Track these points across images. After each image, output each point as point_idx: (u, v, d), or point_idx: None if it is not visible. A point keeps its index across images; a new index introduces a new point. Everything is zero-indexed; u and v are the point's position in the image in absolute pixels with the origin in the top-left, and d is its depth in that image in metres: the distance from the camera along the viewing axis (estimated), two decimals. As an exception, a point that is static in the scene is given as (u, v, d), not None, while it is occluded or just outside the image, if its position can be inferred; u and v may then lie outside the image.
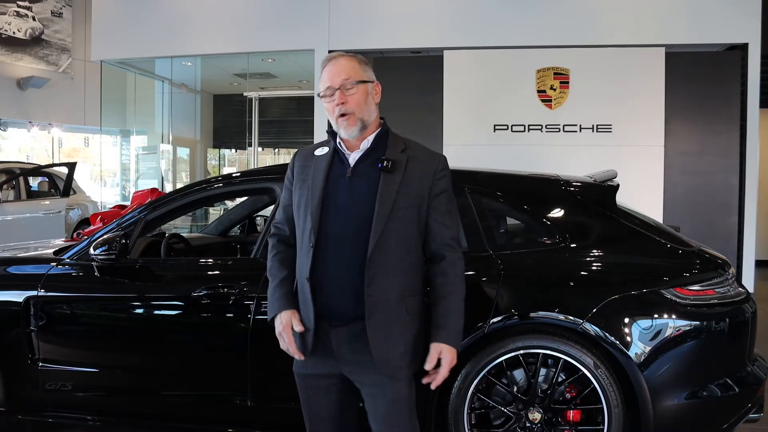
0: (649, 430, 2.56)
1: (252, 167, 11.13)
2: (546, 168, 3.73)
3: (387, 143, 2.04)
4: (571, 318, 2.60)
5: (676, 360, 2.60)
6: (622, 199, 2.99)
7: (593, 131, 7.46)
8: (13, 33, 14.33)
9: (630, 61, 7.38)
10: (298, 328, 2.00)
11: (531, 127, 7.57)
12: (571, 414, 2.63)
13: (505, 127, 7.63)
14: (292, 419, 2.63)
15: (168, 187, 10.89)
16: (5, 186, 8.69)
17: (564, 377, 2.64)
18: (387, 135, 2.07)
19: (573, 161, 6.86)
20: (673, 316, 2.59)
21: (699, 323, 2.61)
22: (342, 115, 1.99)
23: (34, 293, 3.08)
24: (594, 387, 2.57)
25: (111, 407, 3.08)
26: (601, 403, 2.57)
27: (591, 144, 7.39)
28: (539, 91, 7.56)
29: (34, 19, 14.73)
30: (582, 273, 2.77)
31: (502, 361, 2.64)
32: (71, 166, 9.42)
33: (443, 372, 2.00)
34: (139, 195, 7.59)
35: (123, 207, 7.98)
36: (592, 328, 2.57)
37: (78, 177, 9.93)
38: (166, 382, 3.03)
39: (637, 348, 2.56)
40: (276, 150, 13.93)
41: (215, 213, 9.90)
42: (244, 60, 9.90)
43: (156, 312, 3.07)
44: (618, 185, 2.98)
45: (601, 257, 2.79)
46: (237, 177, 3.35)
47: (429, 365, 2.00)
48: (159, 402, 3.01)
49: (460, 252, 2.07)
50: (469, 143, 7.48)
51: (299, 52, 8.89)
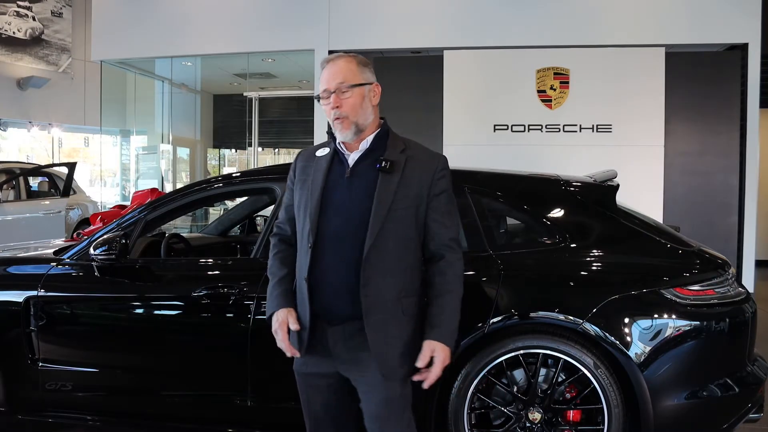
0: (649, 430, 2.56)
1: (252, 167, 11.13)
2: (546, 168, 3.73)
3: (387, 143, 2.04)
4: (571, 318, 2.60)
5: (676, 360, 2.60)
6: (622, 199, 2.99)
7: (593, 131, 7.45)
8: (13, 33, 14.33)
9: (630, 61, 7.38)
10: (293, 326, 2.01)
11: (531, 127, 7.57)
12: (571, 414, 2.63)
13: (505, 127, 7.63)
14: (292, 419, 2.63)
15: (168, 187, 10.89)
16: (5, 186, 8.68)
17: (564, 377, 2.64)
18: (387, 135, 2.06)
19: (573, 161, 6.86)
20: (673, 316, 2.59)
21: (699, 323, 2.61)
22: (337, 119, 2.00)
23: (34, 293, 3.08)
24: (594, 387, 2.57)
25: (111, 407, 3.08)
26: (601, 403, 2.57)
27: (591, 144, 7.39)
28: (539, 91, 7.56)
29: (34, 19, 14.73)
30: (582, 273, 2.78)
31: (502, 361, 2.64)
32: (71, 166, 9.42)
33: (435, 370, 1.98)
34: (139, 195, 7.59)
35: (123, 207, 7.98)
36: (592, 328, 2.57)
37: (77, 177, 9.92)
38: (166, 382, 3.03)
39: (637, 348, 2.55)
40: (276, 150, 13.93)
41: (215, 213, 9.90)
42: (244, 60, 9.90)
43: (156, 312, 3.07)
44: (618, 185, 2.98)
45: (601, 257, 2.79)
46: (237, 177, 3.35)
47: (421, 363, 1.97)
48: (159, 402, 3.01)
49: (459, 253, 2.06)
50: (469, 143, 7.47)
51: (299, 52, 8.89)
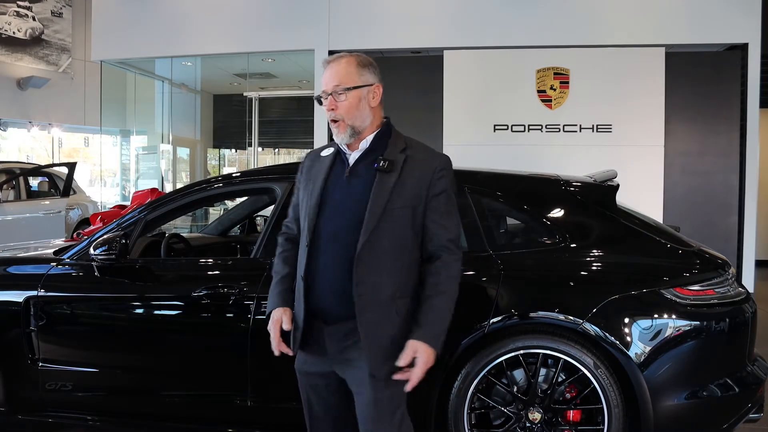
0: (649, 430, 2.56)
1: (252, 167, 11.13)
2: (546, 168, 3.73)
3: (388, 143, 2.03)
4: (571, 318, 2.60)
5: (676, 360, 2.60)
6: (622, 199, 2.99)
7: (593, 131, 7.45)
8: (13, 33, 14.33)
9: (630, 61, 7.38)
10: (286, 326, 2.02)
11: (531, 127, 7.57)
12: (571, 414, 2.63)
13: (505, 127, 7.63)
14: (292, 419, 2.63)
15: (168, 187, 10.88)
16: (5, 186, 8.68)
17: (564, 377, 2.64)
18: (388, 135, 2.05)
19: (573, 161, 6.85)
20: (673, 316, 2.59)
21: (699, 323, 2.61)
22: (333, 121, 2.00)
23: (34, 293, 3.08)
24: (594, 387, 2.57)
25: (111, 407, 3.08)
26: (601, 403, 2.57)
27: (591, 144, 7.39)
28: (539, 91, 7.56)
29: (34, 19, 14.72)
30: (582, 273, 2.77)
31: (502, 361, 2.63)
32: (71, 166, 9.42)
33: (416, 371, 1.91)
34: (139, 195, 7.59)
35: (123, 207, 7.98)
36: (592, 328, 2.57)
37: (77, 177, 9.92)
38: (166, 382, 3.03)
39: (637, 348, 2.55)
40: (276, 150, 13.93)
41: (215, 213, 9.90)
42: (244, 60, 9.89)
43: (156, 312, 3.07)
44: (618, 185, 2.98)
45: (601, 257, 2.79)
46: (237, 177, 3.35)
47: (401, 361, 1.91)
48: (159, 402, 3.01)
49: (457, 254, 2.01)
50: (469, 143, 7.47)
51: (299, 52, 8.89)
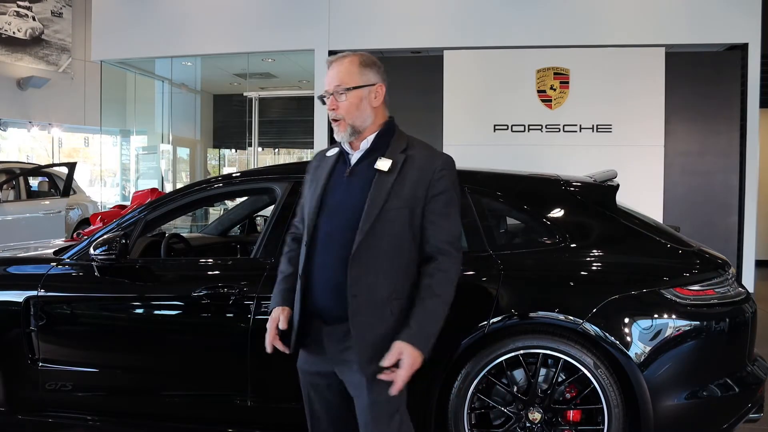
0: (649, 430, 2.56)
1: (252, 167, 11.13)
2: (546, 168, 3.73)
3: (389, 143, 2.02)
4: (571, 318, 2.60)
5: (676, 360, 2.60)
6: (622, 199, 2.99)
7: (593, 131, 7.45)
8: (13, 33, 14.33)
9: (630, 61, 7.38)
10: (281, 325, 2.04)
11: (531, 127, 7.57)
12: (571, 414, 2.63)
13: (505, 127, 7.63)
14: (292, 419, 2.63)
15: (168, 187, 10.88)
16: (5, 186, 8.68)
17: (564, 377, 2.64)
18: (390, 134, 2.04)
19: (573, 161, 6.85)
20: (673, 316, 2.59)
21: (699, 323, 2.61)
22: (334, 120, 2.01)
23: (34, 293, 3.08)
24: (594, 387, 2.57)
25: (111, 407, 3.08)
26: (601, 403, 2.57)
27: (591, 144, 7.38)
28: (539, 91, 7.56)
29: (34, 19, 14.72)
30: (582, 273, 2.77)
31: (502, 361, 2.63)
32: (71, 166, 9.42)
33: (401, 373, 1.86)
34: (139, 195, 7.59)
35: (123, 207, 7.98)
36: (592, 328, 2.57)
37: (77, 177, 9.92)
38: (166, 382, 3.03)
39: (637, 348, 2.55)
40: (276, 150, 13.93)
41: (215, 213, 9.90)
42: (244, 60, 9.89)
43: (156, 312, 3.07)
44: (618, 185, 2.98)
45: (601, 257, 2.79)
46: (237, 177, 3.35)
47: (385, 361, 1.87)
48: (159, 402, 3.01)
49: (455, 256, 1.96)
50: (469, 143, 7.46)
51: (299, 52, 8.88)
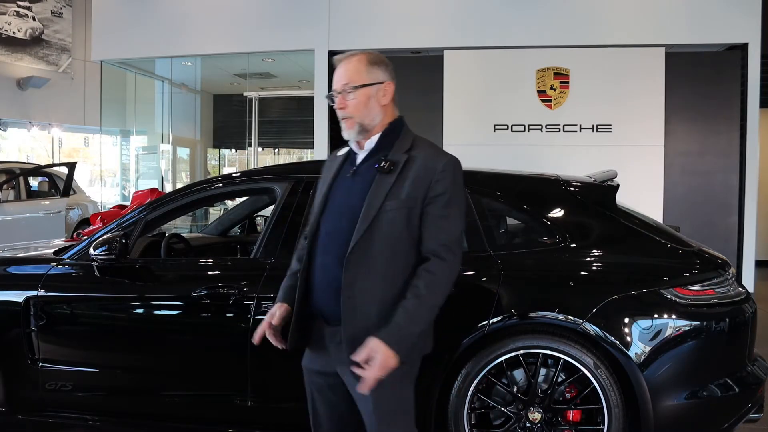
0: (649, 430, 2.56)
1: (252, 167, 11.13)
2: (546, 168, 3.73)
3: (394, 143, 2.00)
4: (571, 318, 2.60)
5: (676, 360, 2.60)
6: (622, 199, 2.99)
7: (593, 131, 7.45)
8: (13, 33, 14.33)
9: (630, 61, 7.38)
10: (275, 321, 2.04)
11: (531, 127, 7.57)
12: (571, 414, 2.63)
13: (505, 127, 7.63)
14: (292, 419, 2.63)
15: (168, 187, 10.88)
16: (5, 186, 8.68)
17: (564, 377, 2.64)
18: (395, 134, 2.02)
19: (573, 161, 6.85)
20: (673, 316, 2.59)
21: (699, 323, 2.61)
22: (343, 119, 2.01)
23: (34, 293, 3.08)
24: (594, 387, 2.57)
25: (111, 407, 3.08)
26: (601, 403, 2.57)
27: (591, 144, 7.39)
28: (539, 91, 7.56)
29: (34, 19, 14.72)
30: (582, 273, 2.77)
31: (502, 361, 2.63)
32: (71, 166, 9.42)
33: (371, 371, 1.79)
34: (139, 195, 7.59)
35: (123, 207, 7.98)
36: (592, 328, 2.57)
37: (77, 177, 9.92)
38: (166, 382, 3.03)
39: (637, 348, 2.55)
40: (276, 150, 13.93)
41: (215, 213, 9.90)
42: (244, 60, 9.89)
43: (156, 312, 3.07)
44: (618, 185, 2.98)
45: (601, 257, 2.79)
46: (237, 177, 3.35)
47: (357, 356, 1.81)
48: (159, 402, 3.01)
49: (449, 261, 1.90)
50: (469, 143, 7.46)
51: (299, 52, 8.88)
